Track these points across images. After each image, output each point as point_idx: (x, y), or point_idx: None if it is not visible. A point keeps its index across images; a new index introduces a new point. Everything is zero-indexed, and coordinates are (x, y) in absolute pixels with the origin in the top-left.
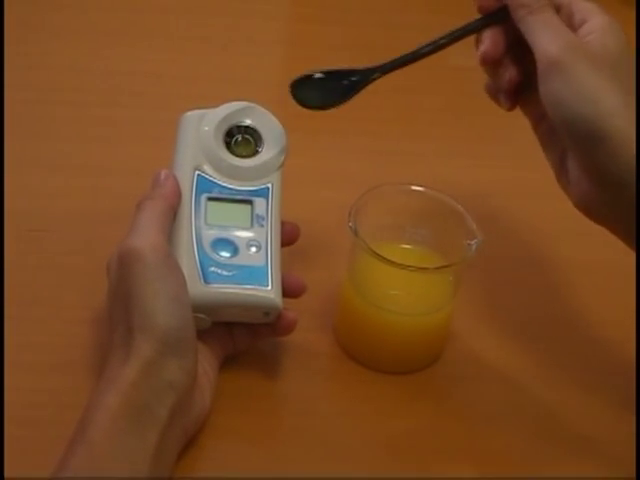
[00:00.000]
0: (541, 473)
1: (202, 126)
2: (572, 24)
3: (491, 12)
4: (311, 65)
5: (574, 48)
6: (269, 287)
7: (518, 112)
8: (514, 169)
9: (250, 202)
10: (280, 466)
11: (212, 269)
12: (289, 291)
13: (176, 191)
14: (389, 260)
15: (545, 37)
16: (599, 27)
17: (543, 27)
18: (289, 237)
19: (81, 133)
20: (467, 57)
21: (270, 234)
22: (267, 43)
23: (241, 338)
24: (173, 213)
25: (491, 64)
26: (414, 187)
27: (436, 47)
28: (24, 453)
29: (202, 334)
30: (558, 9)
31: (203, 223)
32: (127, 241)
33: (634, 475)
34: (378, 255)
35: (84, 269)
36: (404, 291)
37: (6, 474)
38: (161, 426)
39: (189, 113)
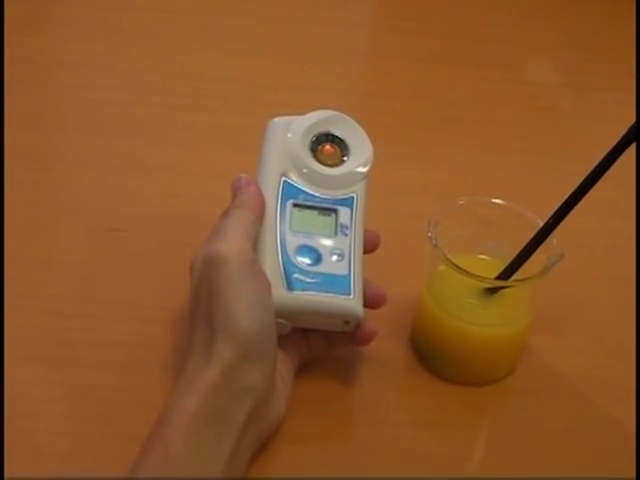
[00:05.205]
0: None
1: (289, 133)
2: None
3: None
4: (392, 75)
5: None
6: (351, 296)
7: (599, 130)
8: (595, 187)
9: (335, 211)
10: (350, 473)
11: (295, 275)
12: (370, 301)
13: (262, 200)
14: (467, 271)
15: None
16: None
17: None
18: (370, 245)
19: (163, 135)
20: (545, 71)
21: (353, 244)
22: (350, 52)
23: (317, 345)
24: (260, 223)
25: None
26: (494, 200)
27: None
28: (100, 449)
29: (279, 340)
30: None
31: (288, 229)
32: (213, 245)
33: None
34: (456, 266)
35: (162, 270)
36: (481, 303)
37: (81, 469)
38: (237, 430)
39: (276, 119)
